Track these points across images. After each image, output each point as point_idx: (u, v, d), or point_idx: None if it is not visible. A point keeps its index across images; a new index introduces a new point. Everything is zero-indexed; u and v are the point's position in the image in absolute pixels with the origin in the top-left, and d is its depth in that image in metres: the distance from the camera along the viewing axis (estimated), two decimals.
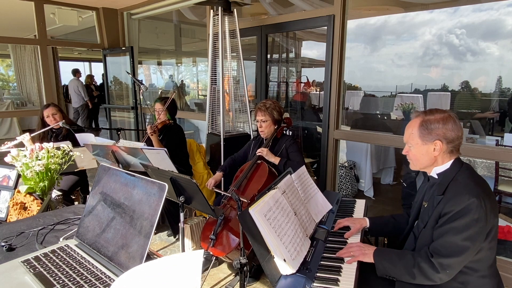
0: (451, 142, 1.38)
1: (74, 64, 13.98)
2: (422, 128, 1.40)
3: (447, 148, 1.39)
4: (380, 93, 5.40)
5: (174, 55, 7.86)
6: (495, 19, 3.57)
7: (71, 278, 1.06)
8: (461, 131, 1.39)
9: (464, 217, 1.28)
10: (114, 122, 6.41)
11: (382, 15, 4.28)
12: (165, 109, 3.06)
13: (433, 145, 1.39)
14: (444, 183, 1.40)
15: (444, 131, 1.37)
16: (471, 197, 1.28)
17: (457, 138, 1.38)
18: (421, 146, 1.42)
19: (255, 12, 4.33)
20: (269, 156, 2.51)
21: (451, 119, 1.37)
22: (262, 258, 1.33)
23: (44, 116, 3.08)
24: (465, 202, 1.28)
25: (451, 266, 1.29)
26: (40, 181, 1.88)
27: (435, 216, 1.39)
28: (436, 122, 1.38)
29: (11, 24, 6.82)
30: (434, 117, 1.39)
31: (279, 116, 2.61)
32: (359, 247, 1.47)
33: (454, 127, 1.37)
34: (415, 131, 1.43)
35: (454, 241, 1.29)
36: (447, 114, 1.39)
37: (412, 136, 1.44)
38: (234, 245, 2.21)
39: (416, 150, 1.44)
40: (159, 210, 1.07)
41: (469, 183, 1.34)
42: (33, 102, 8.72)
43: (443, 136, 1.37)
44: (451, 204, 1.32)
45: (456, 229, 1.29)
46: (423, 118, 1.41)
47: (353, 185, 4.12)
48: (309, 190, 1.89)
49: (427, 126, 1.39)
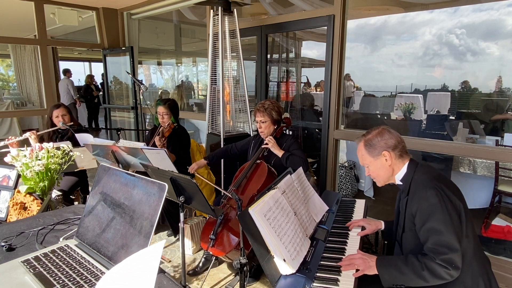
0: (395, 148, 1.54)
1: (74, 64, 14.01)
2: (367, 147, 1.58)
3: (395, 155, 1.55)
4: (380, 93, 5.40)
5: (174, 55, 7.86)
6: (495, 19, 3.57)
7: (71, 278, 1.06)
8: (399, 137, 1.57)
9: (435, 212, 1.36)
10: (114, 122, 6.41)
11: (382, 15, 4.27)
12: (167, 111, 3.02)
13: (382, 156, 1.55)
14: (406, 186, 1.54)
15: (385, 141, 1.54)
16: (428, 189, 1.40)
17: (398, 142, 1.55)
18: (374, 162, 1.58)
19: (255, 12, 4.33)
20: (274, 148, 2.51)
21: (384, 130, 1.57)
22: (262, 258, 1.34)
23: (53, 116, 3.06)
24: (424, 195, 1.40)
25: (454, 260, 1.32)
26: (40, 181, 1.88)
27: (408, 217, 1.49)
28: (375, 138, 1.56)
29: (11, 24, 6.83)
30: (371, 135, 1.58)
31: (278, 116, 2.60)
32: (363, 260, 1.45)
33: (390, 135, 1.55)
34: (364, 152, 1.60)
35: (443, 238, 1.34)
36: (380, 128, 1.59)
37: (364, 157, 1.60)
38: (234, 245, 2.21)
39: (373, 167, 1.59)
40: (159, 210, 1.07)
41: (424, 178, 1.47)
42: (33, 102, 8.71)
43: (386, 146, 1.54)
44: (414, 202, 1.44)
45: (437, 226, 1.35)
46: (364, 140, 1.60)
47: (353, 185, 4.12)
48: (308, 190, 1.89)
49: (370, 144, 1.57)
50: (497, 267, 1.52)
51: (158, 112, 3.05)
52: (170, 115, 3.03)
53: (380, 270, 1.41)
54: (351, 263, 1.44)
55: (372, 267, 1.42)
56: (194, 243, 2.92)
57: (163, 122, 3.03)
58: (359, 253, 1.51)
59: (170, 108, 3.04)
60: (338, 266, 1.44)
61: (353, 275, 1.39)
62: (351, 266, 1.43)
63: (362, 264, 1.43)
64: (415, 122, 4.37)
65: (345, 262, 1.45)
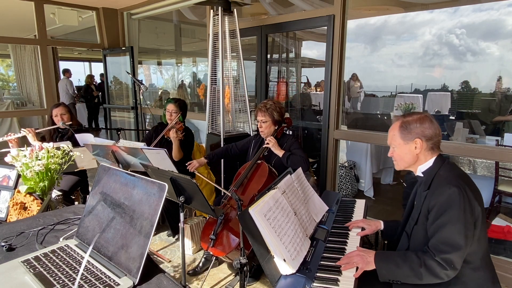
0: (430, 140, 1.48)
1: (74, 64, 14.01)
2: (402, 129, 1.51)
3: (427, 146, 1.48)
4: (380, 93, 5.39)
5: (174, 55, 7.86)
6: (496, 19, 3.57)
7: (71, 278, 1.06)
8: (438, 129, 1.49)
9: (451, 209, 1.33)
10: (114, 122, 6.41)
11: (382, 15, 4.27)
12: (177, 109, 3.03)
13: (413, 143, 1.49)
14: (428, 179, 1.49)
15: (422, 129, 1.47)
16: (452, 186, 1.35)
17: (435, 135, 1.48)
18: (403, 146, 1.52)
19: (255, 12, 4.33)
20: (275, 147, 2.51)
21: (427, 118, 1.49)
22: (262, 258, 1.34)
23: (53, 115, 3.09)
24: (446, 192, 1.36)
25: (454, 261, 1.31)
26: (40, 181, 1.88)
27: (424, 211, 1.45)
28: (414, 123, 1.49)
29: (11, 24, 6.83)
30: (412, 118, 1.51)
31: (279, 117, 2.60)
32: (361, 256, 1.44)
33: (431, 125, 1.47)
34: (396, 132, 1.53)
35: (449, 236, 1.32)
36: (423, 114, 1.51)
37: (394, 138, 1.54)
38: (234, 245, 2.21)
39: (400, 150, 1.54)
40: (159, 210, 1.07)
41: (449, 175, 1.43)
42: (33, 102, 8.71)
43: (421, 134, 1.47)
44: (435, 197, 1.39)
45: (447, 223, 1.33)
46: (402, 120, 1.53)
47: (353, 185, 4.12)
48: (308, 190, 1.89)
49: (406, 126, 1.50)
50: (497, 267, 1.51)
51: (167, 110, 3.08)
52: (179, 113, 3.06)
53: (378, 265, 1.41)
54: (349, 262, 1.44)
55: (370, 262, 1.42)
56: (194, 243, 2.92)
57: (170, 119, 3.05)
58: (358, 249, 1.51)
59: (180, 107, 3.07)
60: (338, 266, 1.44)
61: (353, 275, 1.38)
62: (350, 265, 1.42)
63: (361, 261, 1.42)
64: None
65: (344, 261, 1.45)
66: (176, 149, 2.94)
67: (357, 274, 1.39)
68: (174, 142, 2.92)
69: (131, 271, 1.06)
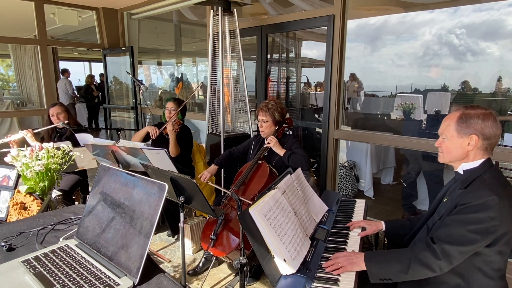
0: (488, 139, 1.36)
1: (74, 64, 14.01)
2: (460, 121, 1.39)
3: (482, 145, 1.38)
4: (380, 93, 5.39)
5: (174, 55, 7.86)
6: (496, 19, 3.57)
7: (71, 278, 1.06)
8: (499, 130, 1.37)
9: (480, 212, 1.26)
10: (114, 122, 6.41)
11: (382, 15, 4.27)
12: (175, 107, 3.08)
13: (468, 139, 1.38)
14: (468, 179, 1.39)
15: (483, 126, 1.35)
16: (493, 194, 1.26)
17: (494, 136, 1.36)
18: (456, 138, 1.40)
19: (255, 12, 4.33)
20: (276, 147, 2.51)
21: (491, 116, 1.36)
22: (262, 258, 1.33)
23: (50, 114, 3.10)
24: (485, 197, 1.26)
25: (452, 255, 1.27)
26: (40, 181, 1.88)
27: (451, 207, 1.38)
28: (476, 117, 1.36)
29: (11, 24, 6.83)
30: (475, 112, 1.38)
31: (280, 117, 2.60)
32: (346, 257, 1.42)
33: (494, 124, 1.35)
34: (452, 123, 1.41)
35: (461, 231, 1.27)
36: (488, 111, 1.38)
37: (449, 128, 1.42)
38: (234, 245, 2.21)
39: (450, 142, 1.42)
40: (159, 210, 1.07)
41: (494, 182, 1.32)
42: (33, 102, 8.71)
43: (480, 131, 1.36)
44: (470, 196, 1.30)
45: (467, 220, 1.27)
46: (463, 112, 1.40)
47: (353, 185, 4.12)
48: (307, 190, 1.89)
49: (466, 119, 1.38)
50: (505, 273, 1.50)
51: (167, 107, 3.15)
52: (178, 111, 3.10)
53: (367, 264, 1.37)
54: (334, 263, 1.41)
55: (355, 263, 1.38)
56: (194, 243, 2.92)
57: (169, 117, 3.09)
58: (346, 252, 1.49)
59: (179, 105, 3.12)
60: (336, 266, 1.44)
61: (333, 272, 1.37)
62: (335, 265, 1.39)
63: (345, 261, 1.39)
64: (415, 122, 4.37)
65: (330, 262, 1.42)
66: (173, 143, 2.96)
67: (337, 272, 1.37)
68: (170, 135, 2.96)
69: (131, 271, 1.06)
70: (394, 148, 4.29)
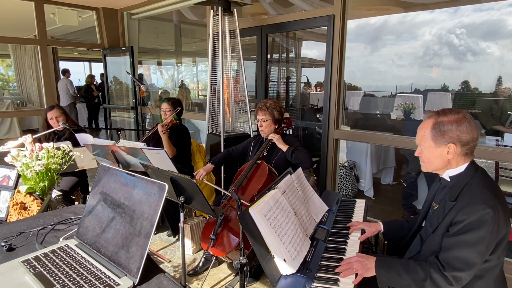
0: (466, 145, 1.32)
1: (74, 64, 14.02)
2: (435, 130, 1.34)
3: (461, 151, 1.33)
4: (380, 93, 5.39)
5: (174, 55, 7.86)
6: (496, 19, 3.57)
7: (71, 278, 1.06)
8: (477, 132, 1.32)
9: (479, 229, 1.23)
10: (114, 122, 6.41)
11: (382, 15, 4.27)
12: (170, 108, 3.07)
13: (446, 148, 1.33)
14: (457, 188, 1.34)
15: (458, 133, 1.30)
16: (487, 207, 1.22)
17: (472, 140, 1.31)
18: (434, 149, 1.36)
19: (255, 12, 4.33)
20: (279, 142, 2.52)
21: (465, 120, 1.30)
22: (262, 258, 1.33)
23: (48, 118, 3.06)
24: (479, 212, 1.22)
25: (463, 278, 1.25)
26: (40, 181, 1.88)
27: (446, 223, 1.33)
28: (449, 124, 1.31)
29: (11, 24, 6.83)
30: (448, 119, 1.32)
31: (279, 116, 2.61)
32: (360, 262, 1.38)
33: (469, 128, 1.30)
34: (427, 133, 1.36)
35: (468, 255, 1.24)
36: (461, 115, 1.32)
37: (425, 139, 1.38)
38: (234, 245, 2.21)
39: (429, 152, 1.38)
40: (159, 210, 1.07)
41: (484, 191, 1.28)
42: (33, 102, 8.72)
43: (457, 139, 1.31)
44: (464, 213, 1.26)
45: (470, 242, 1.24)
46: (436, 120, 1.35)
47: (353, 185, 4.12)
48: (307, 190, 1.89)
49: (440, 128, 1.33)
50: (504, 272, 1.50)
51: (162, 109, 3.13)
52: (173, 112, 3.07)
53: (378, 272, 1.35)
54: (349, 268, 1.37)
55: (370, 269, 1.36)
56: (194, 243, 2.92)
57: (165, 118, 3.08)
58: (357, 255, 1.46)
59: (174, 106, 3.10)
60: (338, 266, 1.44)
61: (352, 282, 1.33)
62: (349, 271, 1.36)
63: (360, 268, 1.35)
64: (415, 122, 4.37)
65: (343, 267, 1.39)
66: (166, 144, 2.96)
67: (356, 281, 1.34)
68: (162, 137, 2.96)
69: (131, 271, 1.06)
70: (394, 148, 4.29)
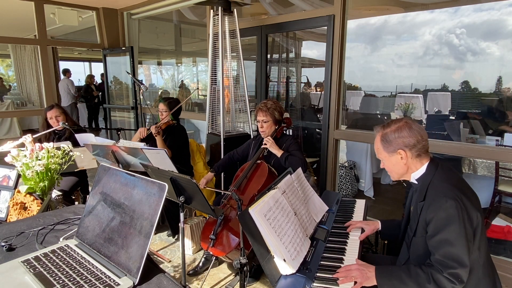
0: (414, 147, 1.42)
1: (74, 64, 14.02)
2: (383, 142, 1.47)
3: (412, 154, 1.43)
4: (380, 93, 5.39)
5: (174, 55, 7.86)
6: (496, 19, 3.57)
7: (71, 278, 1.06)
8: (420, 135, 1.42)
9: (452, 224, 1.27)
10: (114, 122, 6.41)
11: (382, 15, 4.27)
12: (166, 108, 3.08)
13: (398, 154, 1.44)
14: (423, 189, 1.43)
15: (402, 140, 1.42)
16: (448, 199, 1.29)
17: (417, 142, 1.41)
18: (389, 158, 1.48)
19: (255, 12, 4.33)
20: (273, 147, 2.52)
21: (405, 126, 1.42)
22: (262, 258, 1.33)
23: (47, 117, 3.05)
24: (443, 205, 1.29)
25: (461, 275, 1.27)
26: (40, 181, 1.88)
27: (421, 224, 1.40)
28: (392, 133, 1.44)
29: (11, 24, 6.83)
30: (390, 129, 1.45)
31: (280, 116, 2.61)
32: (360, 271, 1.39)
33: (410, 133, 1.41)
34: (379, 146, 1.49)
35: (454, 252, 1.27)
36: (401, 123, 1.44)
37: (379, 151, 1.51)
38: (234, 245, 2.21)
39: (387, 162, 1.50)
40: (159, 210, 1.07)
41: (444, 185, 1.35)
42: (33, 102, 8.72)
43: (402, 144, 1.42)
44: (431, 210, 1.33)
45: (450, 239, 1.28)
46: (382, 133, 1.48)
47: (353, 185, 4.12)
48: (308, 190, 1.89)
49: (386, 139, 1.46)
50: (497, 267, 1.50)
51: (159, 109, 3.14)
52: (169, 112, 3.08)
53: (379, 281, 1.35)
54: (348, 276, 1.38)
55: (370, 278, 1.37)
56: (194, 243, 2.92)
57: (162, 118, 3.08)
58: (357, 262, 1.46)
59: (170, 106, 3.10)
60: (338, 266, 1.44)
61: None
62: (348, 279, 1.36)
63: (360, 276, 1.36)
64: None
65: (342, 274, 1.39)
66: (160, 145, 2.96)
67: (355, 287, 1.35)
68: (156, 138, 2.97)
69: (131, 271, 1.06)
70: None
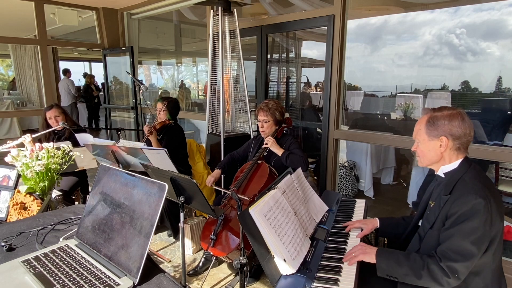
0: (458, 139, 1.38)
1: (74, 64, 14.02)
2: (429, 124, 1.42)
3: (453, 145, 1.40)
4: (380, 93, 5.39)
5: (174, 55, 7.86)
6: (497, 19, 3.57)
7: (71, 278, 1.06)
8: (469, 129, 1.38)
9: (472, 219, 1.26)
10: (114, 122, 6.42)
11: (382, 15, 4.27)
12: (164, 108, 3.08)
13: (439, 141, 1.40)
14: (451, 183, 1.40)
15: (450, 127, 1.38)
16: (478, 197, 1.26)
17: (464, 135, 1.38)
18: (427, 142, 1.44)
19: (255, 12, 4.33)
20: (274, 147, 2.52)
21: (458, 116, 1.38)
22: (262, 258, 1.33)
23: (47, 117, 3.05)
24: (471, 202, 1.27)
25: (460, 271, 1.27)
26: (40, 181, 1.88)
27: (441, 217, 1.37)
28: (442, 119, 1.39)
29: (11, 24, 6.83)
30: (441, 114, 1.41)
31: (280, 116, 2.62)
32: (360, 246, 1.48)
33: (461, 124, 1.37)
34: (422, 127, 1.45)
35: (462, 244, 1.26)
36: (455, 111, 1.40)
37: (420, 132, 1.46)
38: (234, 245, 2.21)
39: (423, 146, 1.46)
40: (159, 210, 1.07)
41: (476, 183, 1.33)
42: (33, 102, 8.72)
43: (448, 132, 1.38)
44: (457, 204, 1.30)
45: (464, 231, 1.27)
46: (431, 115, 1.43)
47: (353, 185, 4.12)
48: (307, 190, 1.89)
49: (433, 122, 1.41)
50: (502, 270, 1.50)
51: (156, 108, 3.15)
52: (167, 112, 3.08)
53: (378, 259, 1.40)
54: (350, 253, 1.47)
55: (369, 253, 1.42)
56: (194, 243, 2.92)
57: (159, 118, 3.09)
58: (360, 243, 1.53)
59: (167, 105, 3.10)
60: (338, 266, 1.44)
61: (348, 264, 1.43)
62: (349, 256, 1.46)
63: (358, 250, 1.44)
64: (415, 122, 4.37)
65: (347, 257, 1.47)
66: (154, 144, 2.96)
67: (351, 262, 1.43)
68: (150, 139, 2.97)
69: (131, 271, 1.06)
70: (394, 148, 4.29)
